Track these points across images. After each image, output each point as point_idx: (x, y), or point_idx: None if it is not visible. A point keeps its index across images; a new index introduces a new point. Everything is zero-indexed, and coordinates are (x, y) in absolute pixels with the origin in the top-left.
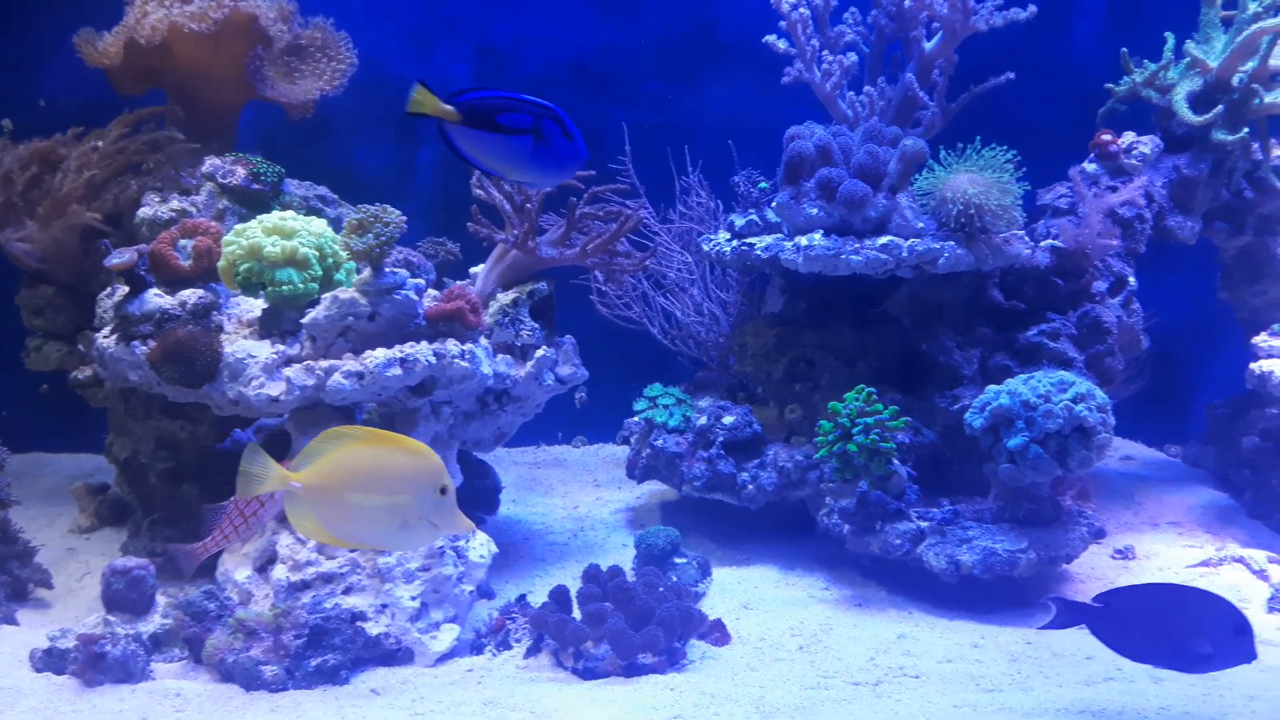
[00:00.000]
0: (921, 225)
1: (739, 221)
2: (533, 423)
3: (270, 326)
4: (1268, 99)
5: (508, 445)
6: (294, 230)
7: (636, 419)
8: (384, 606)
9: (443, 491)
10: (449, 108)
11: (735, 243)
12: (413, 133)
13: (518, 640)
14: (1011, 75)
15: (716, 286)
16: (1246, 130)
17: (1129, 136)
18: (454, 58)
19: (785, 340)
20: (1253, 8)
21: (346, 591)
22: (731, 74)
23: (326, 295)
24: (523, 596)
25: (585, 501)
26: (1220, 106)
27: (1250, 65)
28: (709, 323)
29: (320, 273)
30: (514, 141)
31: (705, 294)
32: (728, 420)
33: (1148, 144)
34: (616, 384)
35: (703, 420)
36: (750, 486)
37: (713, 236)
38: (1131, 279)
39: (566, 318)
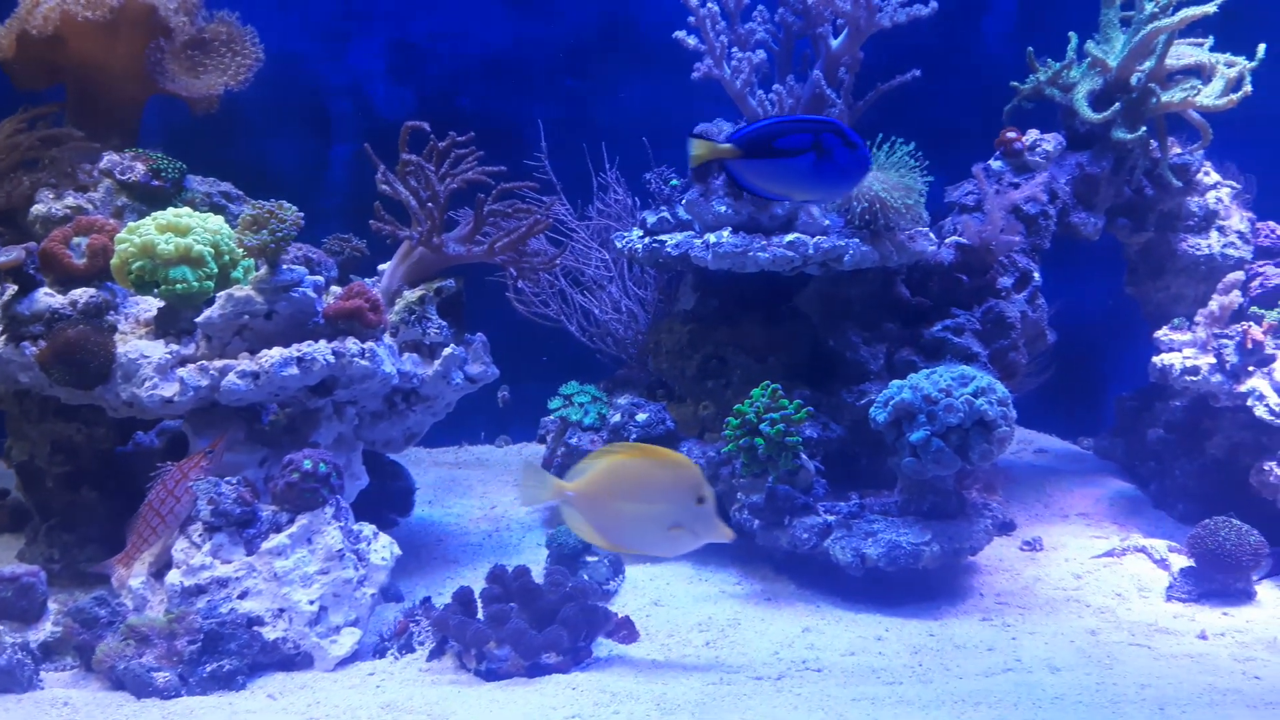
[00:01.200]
0: (828, 223)
1: (651, 219)
2: (456, 422)
3: (166, 326)
4: (1164, 98)
5: (429, 446)
6: (188, 227)
7: (552, 417)
8: (281, 611)
9: (700, 501)
10: (727, 147)
11: (647, 240)
12: (325, 128)
13: (421, 643)
14: (917, 73)
15: (635, 284)
16: (1144, 129)
17: (1033, 134)
18: (367, 53)
19: (698, 337)
20: (1149, 8)
21: (243, 596)
22: (649, 71)
23: (221, 293)
24: (427, 599)
25: (503, 501)
26: (1118, 104)
27: (1148, 65)
28: (627, 320)
29: (216, 270)
30: (795, 163)
31: (624, 291)
32: (641, 417)
33: (1051, 141)
34: (541, 382)
35: (617, 417)
36: None
37: (626, 234)
38: (1036, 274)
39: (489, 315)
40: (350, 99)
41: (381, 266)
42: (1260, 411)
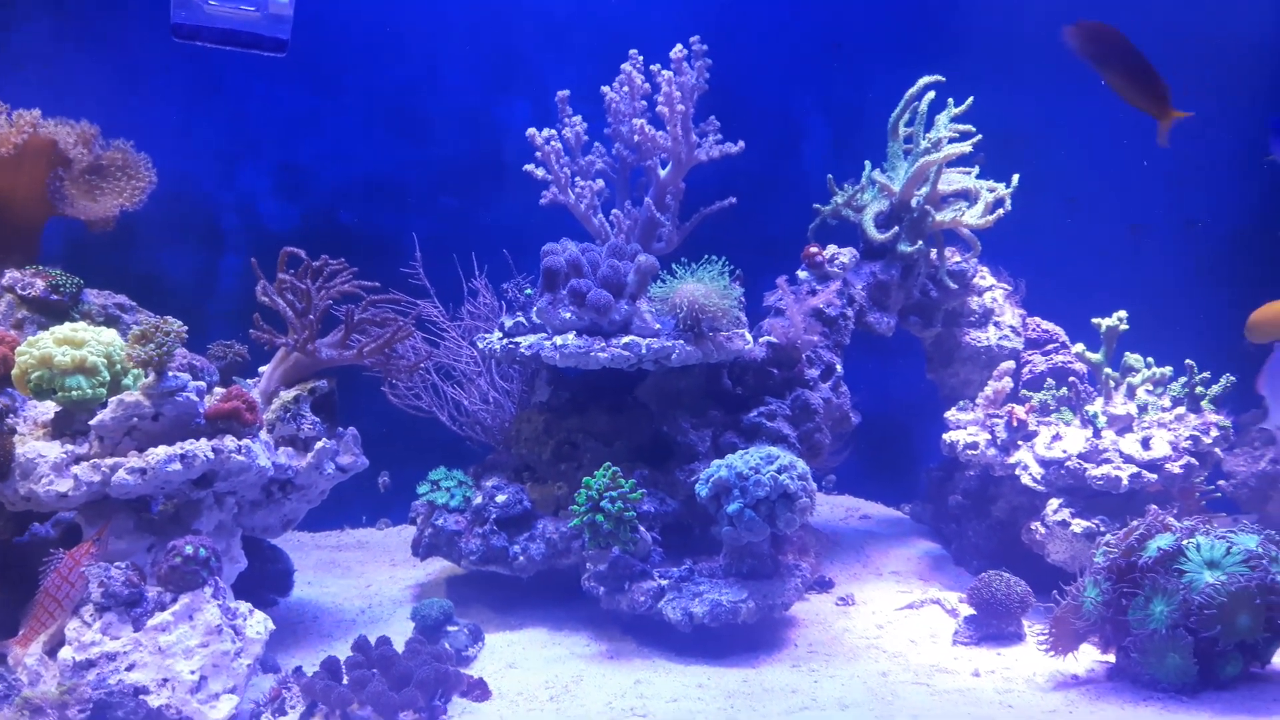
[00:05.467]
0: (659, 326)
1: (508, 323)
2: (339, 507)
3: (62, 428)
4: (938, 217)
5: (313, 530)
6: (84, 340)
7: (421, 501)
8: (165, 680)
9: None
10: None
11: (505, 341)
12: (216, 241)
13: (293, 707)
14: (733, 200)
15: (502, 378)
16: (921, 243)
17: (832, 249)
18: (256, 173)
19: (552, 425)
20: (924, 143)
21: (130, 668)
22: (514, 190)
23: (113, 399)
24: (299, 668)
25: (379, 580)
26: (897, 227)
27: (924, 190)
28: (495, 410)
29: (108, 378)
30: None
31: (491, 384)
32: (501, 498)
33: (847, 255)
34: (421, 466)
35: (479, 499)
36: (521, 558)
37: (487, 335)
38: (839, 366)
39: (372, 406)
40: (240, 214)
41: (262, 369)
42: (1026, 480)
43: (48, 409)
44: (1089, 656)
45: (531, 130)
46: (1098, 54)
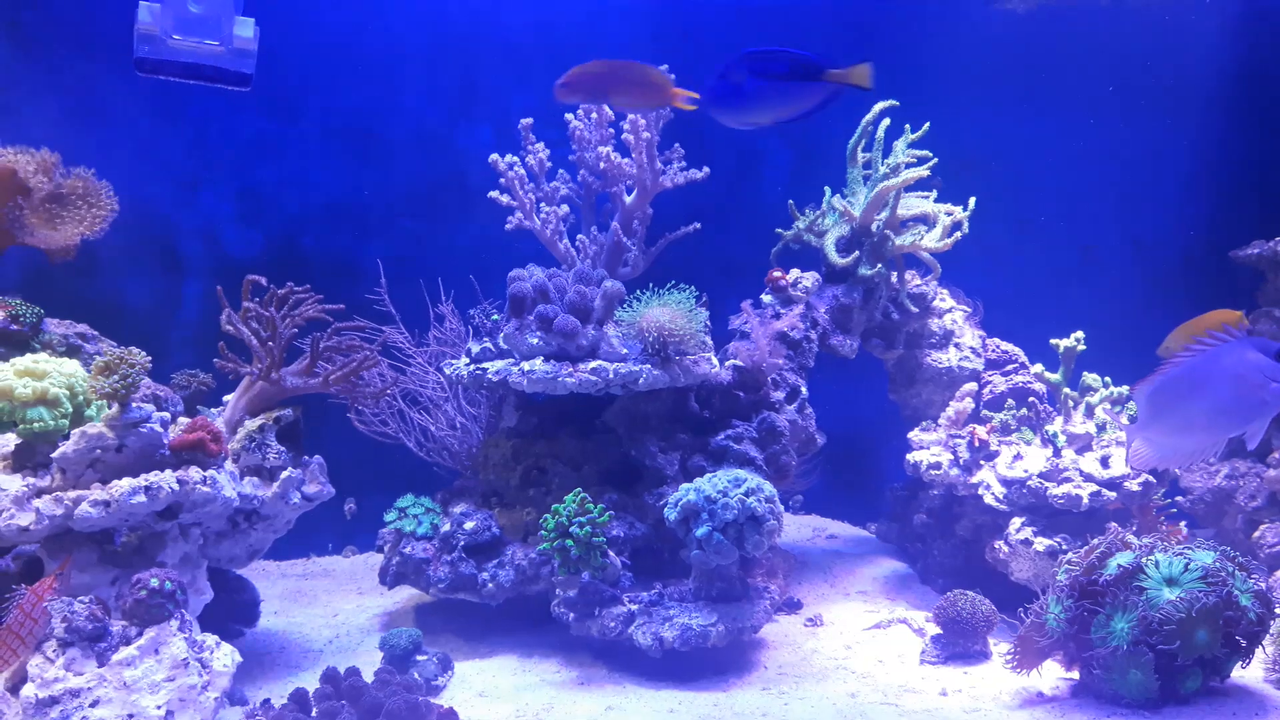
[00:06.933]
0: (626, 351)
1: (475, 348)
2: (305, 535)
3: (23, 460)
4: (898, 241)
5: (279, 559)
6: (45, 372)
7: (388, 529)
8: (131, 715)
9: None
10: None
11: (472, 367)
12: (178, 267)
13: None
14: (698, 225)
15: (469, 403)
16: (881, 266)
17: (795, 273)
18: (218, 199)
19: (520, 450)
20: (882, 169)
21: (95, 704)
22: (479, 215)
23: (76, 430)
24: (267, 700)
25: (346, 609)
26: (858, 251)
27: (883, 215)
28: (462, 436)
29: (71, 410)
30: None
31: (458, 410)
32: (469, 525)
33: (810, 279)
34: (387, 493)
35: (447, 526)
36: (490, 585)
37: (454, 361)
38: (804, 388)
39: (337, 433)
40: (202, 241)
41: (227, 397)
42: (989, 499)
43: (8, 441)
44: (1053, 673)
45: (494, 156)
46: (593, 93)
